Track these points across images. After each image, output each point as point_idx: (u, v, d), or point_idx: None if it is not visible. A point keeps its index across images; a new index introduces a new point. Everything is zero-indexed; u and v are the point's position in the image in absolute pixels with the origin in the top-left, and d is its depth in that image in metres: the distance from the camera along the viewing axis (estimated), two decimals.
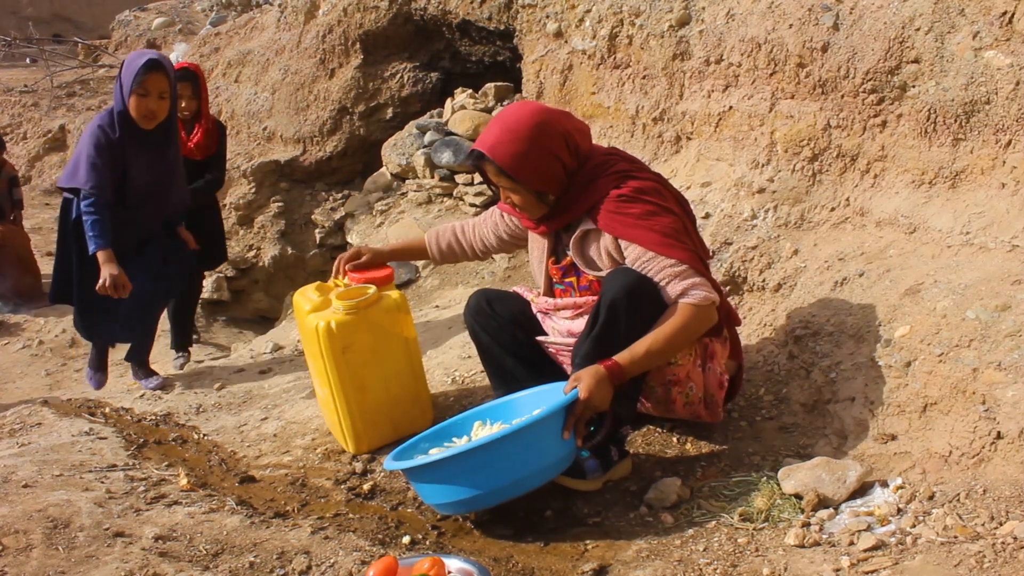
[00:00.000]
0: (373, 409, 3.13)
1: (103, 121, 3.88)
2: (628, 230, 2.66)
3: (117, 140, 3.85)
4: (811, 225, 3.58)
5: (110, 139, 3.84)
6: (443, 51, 6.95)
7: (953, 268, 2.92)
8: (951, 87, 3.12)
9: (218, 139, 4.84)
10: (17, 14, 18.16)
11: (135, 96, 3.83)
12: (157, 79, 3.83)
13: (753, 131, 3.86)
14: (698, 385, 2.80)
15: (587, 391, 2.49)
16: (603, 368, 2.53)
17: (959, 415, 2.50)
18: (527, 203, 2.77)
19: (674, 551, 2.39)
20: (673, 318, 2.59)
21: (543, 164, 2.67)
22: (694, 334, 2.63)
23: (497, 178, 2.73)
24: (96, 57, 12.55)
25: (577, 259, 2.81)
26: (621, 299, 2.58)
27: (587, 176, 2.74)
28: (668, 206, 2.72)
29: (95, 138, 3.84)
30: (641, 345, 2.56)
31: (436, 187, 5.93)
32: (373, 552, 2.41)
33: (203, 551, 2.42)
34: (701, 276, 2.62)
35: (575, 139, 2.73)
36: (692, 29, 4.21)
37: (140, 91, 3.82)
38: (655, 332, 2.58)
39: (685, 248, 2.64)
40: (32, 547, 2.36)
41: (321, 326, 3.01)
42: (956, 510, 2.26)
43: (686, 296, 2.60)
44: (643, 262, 2.64)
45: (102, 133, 3.84)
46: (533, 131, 2.65)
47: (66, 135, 10.52)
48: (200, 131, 4.71)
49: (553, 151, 2.67)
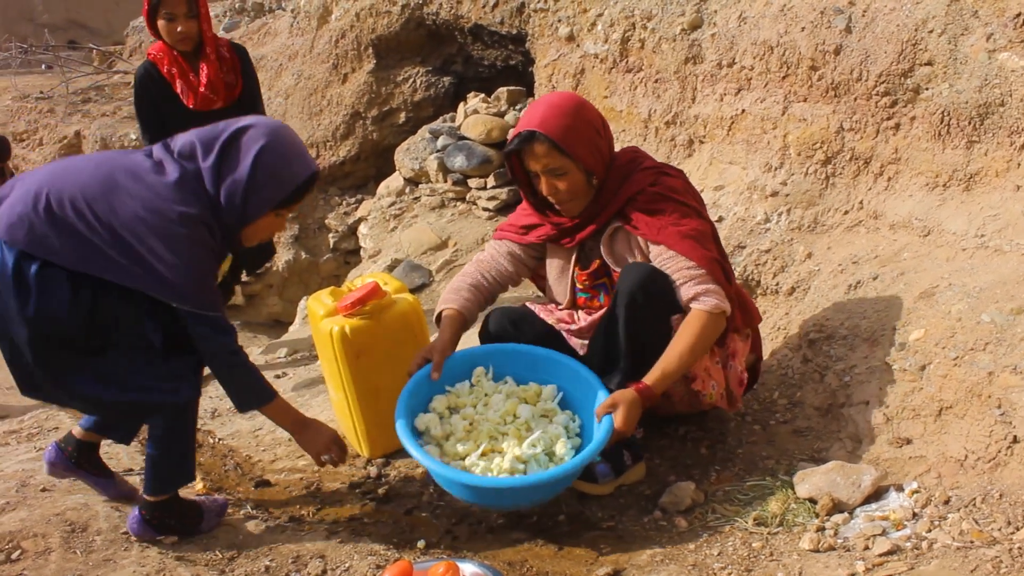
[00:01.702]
0: (387, 413, 3.12)
1: (195, 216, 2.36)
2: (657, 232, 2.66)
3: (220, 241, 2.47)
4: (824, 228, 3.57)
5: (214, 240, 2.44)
6: (455, 55, 6.96)
7: (968, 271, 2.91)
8: (965, 89, 3.11)
9: (242, 70, 4.02)
10: (33, 21, 18.30)
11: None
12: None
13: (766, 134, 3.86)
14: (720, 383, 2.79)
15: (625, 423, 2.46)
16: (637, 394, 2.50)
17: (975, 419, 2.49)
18: (575, 187, 2.70)
19: (688, 556, 2.39)
20: (689, 328, 2.57)
21: (591, 138, 2.67)
22: (709, 342, 2.62)
23: (547, 158, 2.64)
24: (111, 63, 12.63)
25: (608, 258, 2.79)
26: (638, 293, 2.59)
27: (623, 168, 2.75)
28: (698, 208, 2.74)
29: (201, 246, 2.40)
30: (669, 364, 2.55)
31: (449, 191, 5.94)
32: (388, 556, 2.42)
33: (219, 555, 2.44)
34: (716, 284, 2.61)
35: (607, 125, 2.77)
36: (704, 32, 4.21)
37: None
38: (676, 347, 2.56)
39: (707, 253, 2.64)
40: (50, 550, 2.38)
41: (335, 331, 3.01)
42: (972, 515, 2.25)
43: (698, 301, 2.59)
44: (663, 259, 2.65)
45: (206, 231, 2.40)
46: (578, 107, 2.68)
47: (81, 141, 10.59)
48: (208, 67, 3.89)
49: (596, 128, 2.69)
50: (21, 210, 2.28)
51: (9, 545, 2.40)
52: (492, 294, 2.97)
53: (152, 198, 2.32)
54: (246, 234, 2.50)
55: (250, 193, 2.39)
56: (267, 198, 2.42)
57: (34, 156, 11.10)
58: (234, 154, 2.39)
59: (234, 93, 3.96)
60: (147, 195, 2.32)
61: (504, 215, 5.59)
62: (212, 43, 3.90)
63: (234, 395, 2.54)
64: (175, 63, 3.90)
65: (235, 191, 2.38)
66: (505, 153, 2.76)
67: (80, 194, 2.30)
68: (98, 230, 2.28)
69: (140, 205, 2.30)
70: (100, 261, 2.28)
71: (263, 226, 2.50)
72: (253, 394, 2.54)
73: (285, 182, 2.43)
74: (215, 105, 3.88)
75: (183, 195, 2.34)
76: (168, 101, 3.91)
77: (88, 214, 2.28)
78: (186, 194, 2.34)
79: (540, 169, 2.67)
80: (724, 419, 3.09)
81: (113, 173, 2.35)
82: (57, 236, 2.26)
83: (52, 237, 2.26)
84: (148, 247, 2.28)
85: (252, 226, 2.47)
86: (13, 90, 12.14)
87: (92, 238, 2.27)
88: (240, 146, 2.40)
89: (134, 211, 2.30)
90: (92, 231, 2.27)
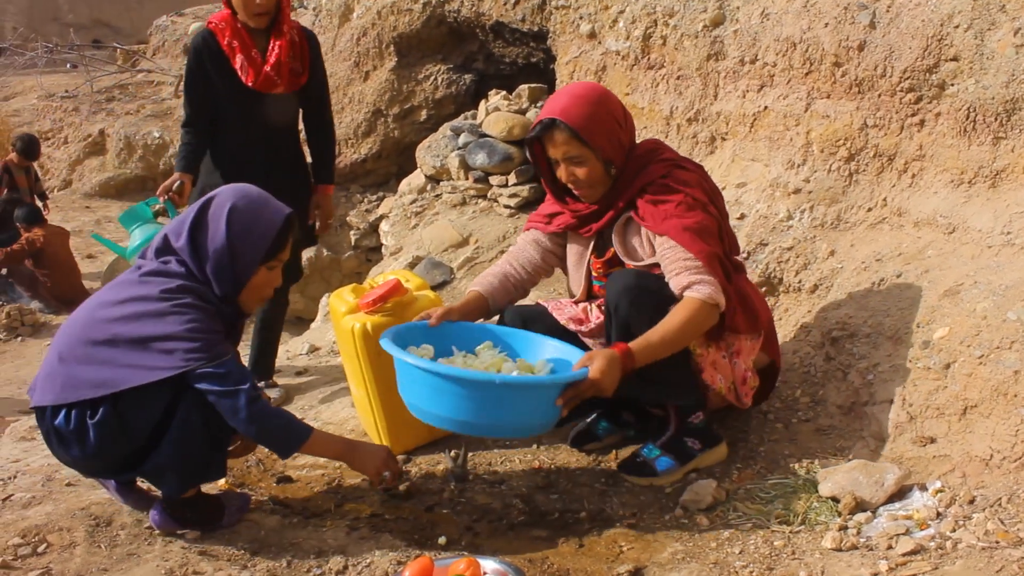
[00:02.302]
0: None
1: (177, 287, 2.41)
2: (661, 224, 2.68)
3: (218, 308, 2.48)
4: (848, 226, 3.55)
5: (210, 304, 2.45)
6: (476, 53, 6.97)
7: (993, 269, 2.88)
8: (991, 85, 3.08)
9: (311, 59, 3.71)
10: (58, 20, 18.48)
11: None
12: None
13: (789, 131, 3.84)
14: (727, 376, 2.78)
15: (599, 372, 2.46)
16: (616, 352, 2.51)
17: (1000, 418, 2.47)
18: (594, 175, 2.75)
19: (710, 553, 2.38)
20: (681, 311, 2.59)
21: (611, 128, 2.71)
22: (699, 328, 2.62)
23: (567, 146, 2.70)
24: (135, 62, 12.75)
25: (619, 248, 2.82)
26: (622, 299, 2.64)
27: (641, 159, 2.78)
28: (705, 202, 2.74)
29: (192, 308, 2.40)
30: (653, 335, 2.56)
31: (470, 189, 5.94)
32: (409, 552, 2.42)
33: (242, 550, 2.45)
34: (712, 277, 2.62)
35: (630, 118, 2.80)
36: (727, 29, 4.18)
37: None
38: (664, 323, 2.58)
39: (707, 247, 2.64)
40: (75, 544, 2.40)
41: (357, 328, 3.02)
42: (997, 515, 2.23)
43: (691, 289, 2.60)
44: (664, 250, 2.68)
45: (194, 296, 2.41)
46: (600, 96, 2.74)
47: (105, 139, 10.71)
48: (281, 46, 3.56)
49: (616, 118, 2.73)
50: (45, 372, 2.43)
51: (35, 539, 2.42)
52: (521, 284, 3.02)
53: (132, 300, 2.39)
54: (244, 299, 2.51)
55: (235, 254, 2.42)
56: (252, 253, 2.44)
57: (59, 154, 11.24)
58: (206, 227, 2.43)
59: (299, 80, 3.65)
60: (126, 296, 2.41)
61: (526, 212, 5.59)
62: (289, 21, 3.62)
63: (273, 444, 2.49)
64: (237, 36, 3.54)
65: (220, 259, 2.41)
66: (527, 140, 2.82)
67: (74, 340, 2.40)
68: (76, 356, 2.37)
69: (120, 312, 2.38)
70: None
71: (258, 284, 2.50)
72: (292, 435, 2.48)
73: (264, 232, 2.46)
74: (276, 89, 3.59)
75: (163, 280, 2.40)
76: (224, 76, 3.57)
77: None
78: (168, 279, 2.40)
79: (560, 156, 2.74)
80: (746, 417, 3.08)
81: (93, 311, 2.43)
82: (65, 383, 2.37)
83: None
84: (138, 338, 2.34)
85: (248, 288, 2.48)
86: (39, 89, 12.29)
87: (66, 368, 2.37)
88: (209, 217, 2.43)
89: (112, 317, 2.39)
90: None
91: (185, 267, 2.43)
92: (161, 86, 11.57)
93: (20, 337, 6.88)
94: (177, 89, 11.05)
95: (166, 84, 11.49)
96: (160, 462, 2.39)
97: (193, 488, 2.51)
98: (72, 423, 2.34)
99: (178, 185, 3.57)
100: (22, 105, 12.41)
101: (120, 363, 2.32)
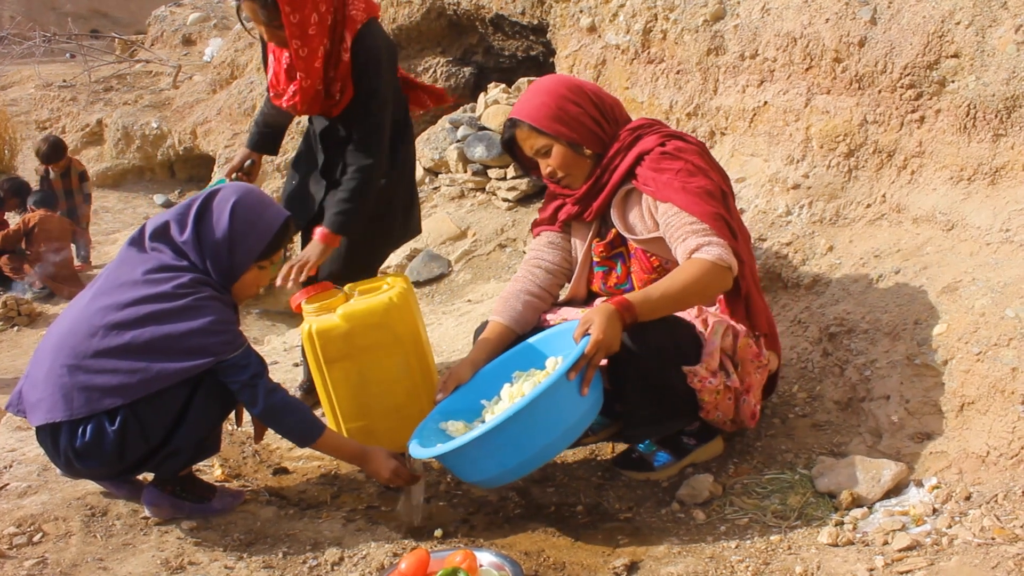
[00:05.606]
0: (380, 416, 2.90)
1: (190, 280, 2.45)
2: (663, 190, 2.62)
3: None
4: (847, 222, 3.54)
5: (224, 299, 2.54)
6: (476, 46, 6.96)
7: (992, 266, 2.88)
8: (992, 82, 3.07)
9: (355, 74, 3.14)
10: (56, 10, 18.42)
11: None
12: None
13: (788, 126, 3.83)
14: (726, 413, 2.69)
15: (600, 333, 2.33)
16: (613, 306, 2.40)
17: (997, 415, 2.47)
18: (567, 161, 2.72)
19: (706, 548, 2.38)
20: (688, 268, 2.49)
21: (569, 110, 2.68)
22: (707, 290, 2.51)
23: (531, 140, 2.71)
24: (133, 52, 12.69)
25: (619, 224, 2.77)
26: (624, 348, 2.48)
27: (638, 131, 2.75)
28: (706, 168, 2.69)
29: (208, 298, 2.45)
30: (655, 289, 2.47)
31: (469, 181, 5.94)
32: (405, 544, 2.42)
33: (237, 540, 2.45)
34: (720, 239, 2.53)
35: (604, 99, 2.77)
36: (727, 24, 4.17)
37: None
38: (669, 278, 2.50)
39: (711, 208, 2.57)
40: (71, 534, 2.40)
41: (304, 330, 2.82)
42: (994, 511, 2.23)
43: (700, 251, 2.51)
44: (668, 218, 2.61)
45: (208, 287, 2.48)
46: (556, 86, 2.73)
47: (103, 129, 10.66)
48: (298, 83, 3.12)
49: (577, 101, 2.70)
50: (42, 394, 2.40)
51: (31, 528, 2.42)
52: (545, 289, 2.90)
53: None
54: (233, 293, 2.55)
55: (234, 247, 2.48)
56: (250, 249, 2.50)
57: None
58: (209, 218, 2.48)
59: (342, 100, 3.23)
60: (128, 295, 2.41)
61: (523, 205, 5.58)
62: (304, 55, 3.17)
63: (290, 435, 2.55)
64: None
65: (219, 250, 2.47)
66: (504, 145, 2.85)
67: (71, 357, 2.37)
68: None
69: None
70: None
71: (248, 282, 2.56)
72: (307, 429, 2.52)
73: (263, 230, 2.53)
74: (305, 113, 3.35)
75: (172, 275, 2.42)
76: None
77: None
78: (177, 274, 2.42)
79: (531, 153, 2.76)
80: None
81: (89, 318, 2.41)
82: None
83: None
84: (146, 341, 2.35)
85: (239, 283, 2.54)
86: (37, 78, 12.23)
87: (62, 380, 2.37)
88: (213, 209, 2.50)
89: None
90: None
91: (186, 259, 2.45)
92: (159, 76, 11.53)
93: (16, 327, 6.87)
94: (175, 80, 11.01)
95: (164, 74, 11.45)
96: (173, 451, 2.42)
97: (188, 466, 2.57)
98: (88, 435, 2.34)
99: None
100: (20, 94, 12.36)
101: (144, 366, 2.33)
